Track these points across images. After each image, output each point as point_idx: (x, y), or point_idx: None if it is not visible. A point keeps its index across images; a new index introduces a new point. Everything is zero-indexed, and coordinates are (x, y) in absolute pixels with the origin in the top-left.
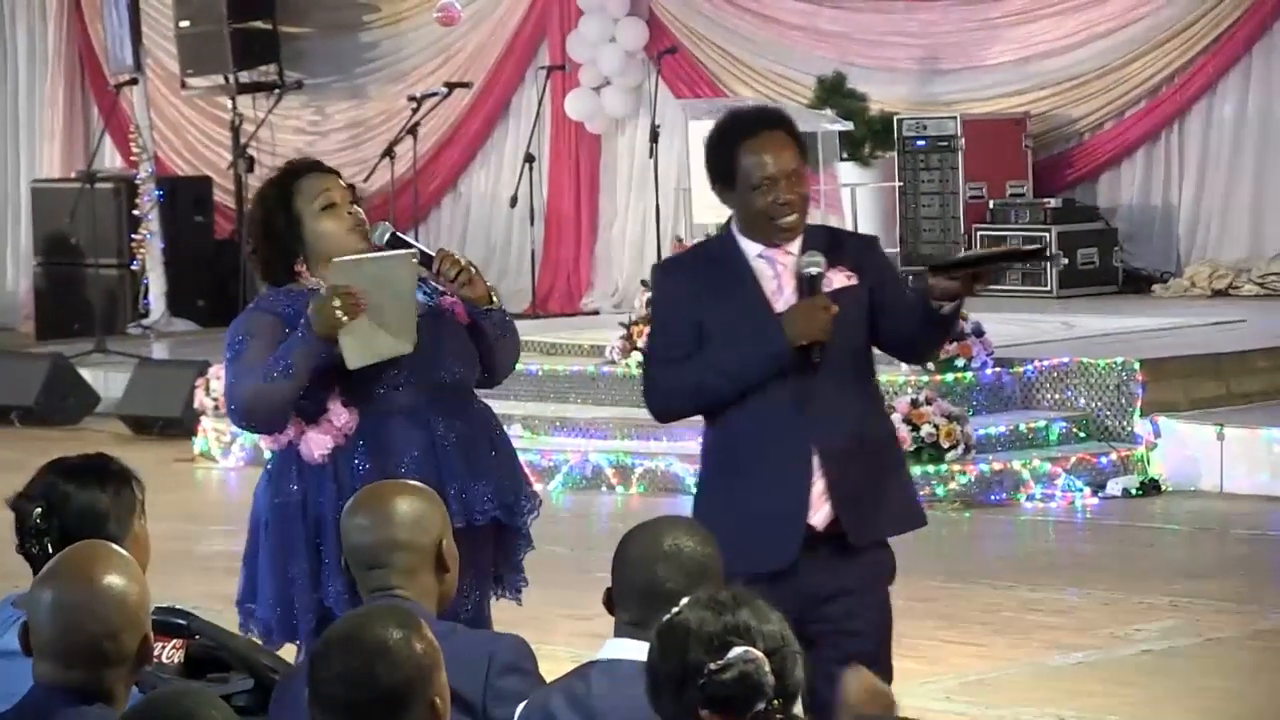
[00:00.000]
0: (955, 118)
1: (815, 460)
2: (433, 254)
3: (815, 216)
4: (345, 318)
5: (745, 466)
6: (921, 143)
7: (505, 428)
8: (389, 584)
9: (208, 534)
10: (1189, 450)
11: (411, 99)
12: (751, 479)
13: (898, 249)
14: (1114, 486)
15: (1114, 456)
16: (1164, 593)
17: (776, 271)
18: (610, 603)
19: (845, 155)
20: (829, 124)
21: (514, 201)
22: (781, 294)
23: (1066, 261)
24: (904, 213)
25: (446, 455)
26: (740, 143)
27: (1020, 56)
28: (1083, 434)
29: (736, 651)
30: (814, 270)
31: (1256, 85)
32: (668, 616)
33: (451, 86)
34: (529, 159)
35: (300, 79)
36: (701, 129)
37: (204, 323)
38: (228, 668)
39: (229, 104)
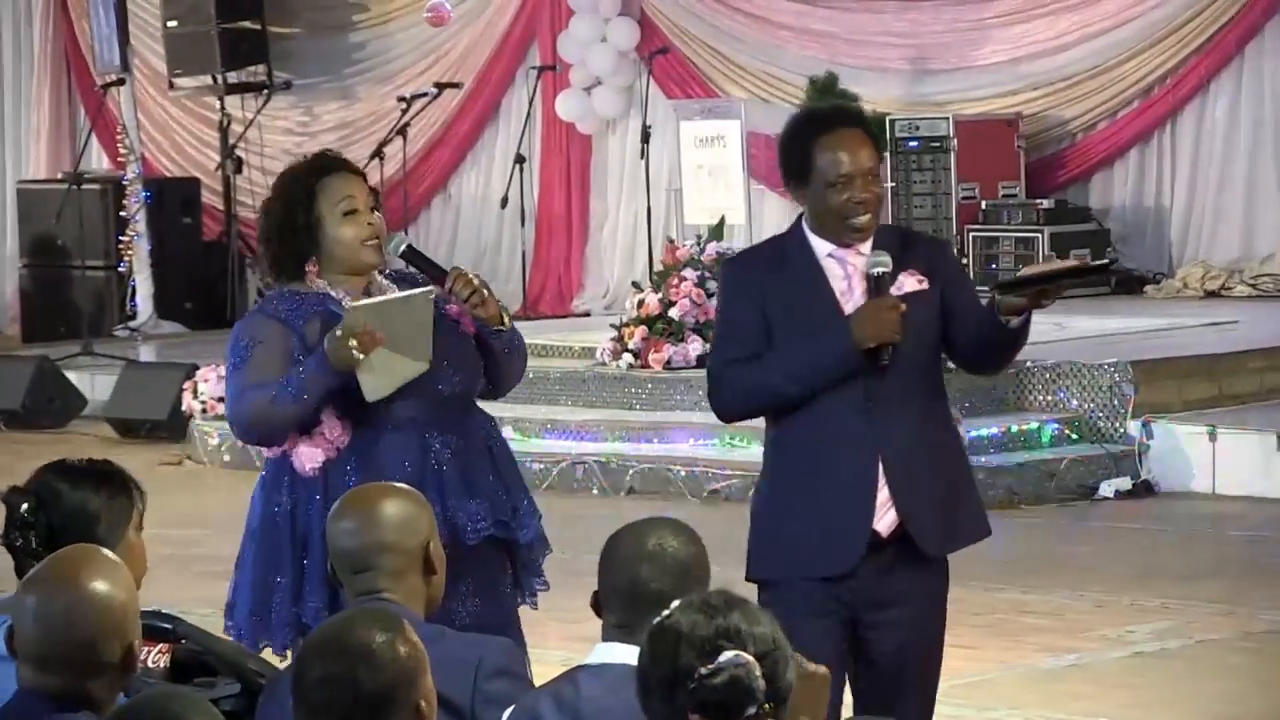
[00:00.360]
0: (947, 118)
1: (880, 467)
2: (446, 270)
3: None
4: (361, 355)
5: (809, 469)
6: (914, 143)
7: (498, 430)
8: (376, 587)
9: (195, 538)
10: (1181, 452)
11: (401, 99)
12: (816, 482)
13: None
14: (1106, 488)
15: (1106, 458)
16: (1156, 595)
17: (847, 272)
18: (598, 605)
19: None
20: None
21: (504, 202)
22: (851, 295)
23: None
24: (896, 214)
25: (439, 473)
26: (816, 139)
27: (1012, 57)
28: (1075, 435)
29: (727, 656)
30: (881, 270)
31: (1249, 86)
32: (658, 620)
33: (441, 87)
34: (519, 160)
35: (289, 79)
36: (692, 129)
37: (191, 325)
38: (214, 672)
39: (217, 104)
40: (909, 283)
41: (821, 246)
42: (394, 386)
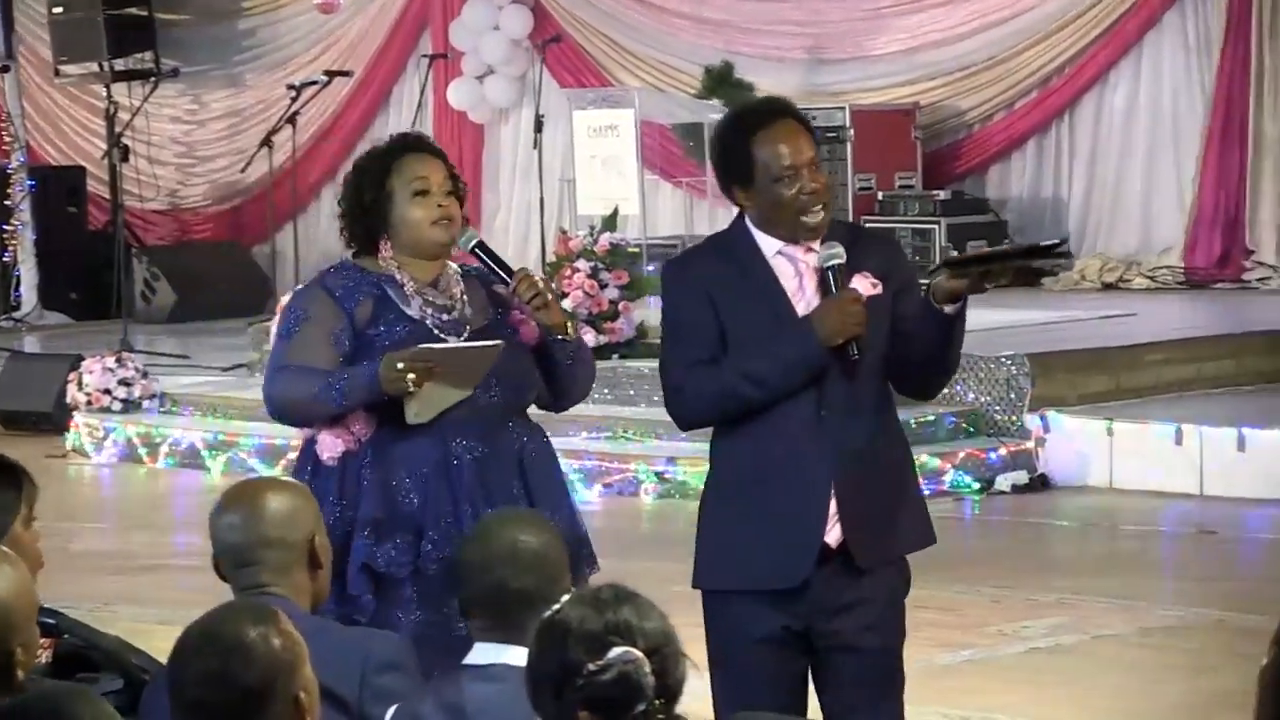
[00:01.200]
0: (844, 108)
1: (832, 480)
2: (513, 270)
3: (703, 208)
4: (414, 389)
5: (758, 478)
6: None
7: (543, 446)
8: (260, 582)
9: (81, 531)
10: (1078, 445)
11: (291, 87)
12: (765, 491)
13: None
14: (1003, 482)
15: (1003, 452)
16: (1052, 590)
17: (798, 269)
18: (464, 611)
19: None
20: (716, 114)
21: None
22: (803, 294)
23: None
24: None
25: (458, 476)
26: (753, 135)
27: (909, 46)
28: (971, 429)
29: (616, 652)
30: (836, 263)
31: (1147, 76)
32: (548, 615)
33: (331, 75)
34: None
35: (177, 67)
36: (586, 118)
37: (77, 316)
38: (97, 667)
39: (104, 92)
40: (862, 285)
41: (769, 244)
42: (434, 414)
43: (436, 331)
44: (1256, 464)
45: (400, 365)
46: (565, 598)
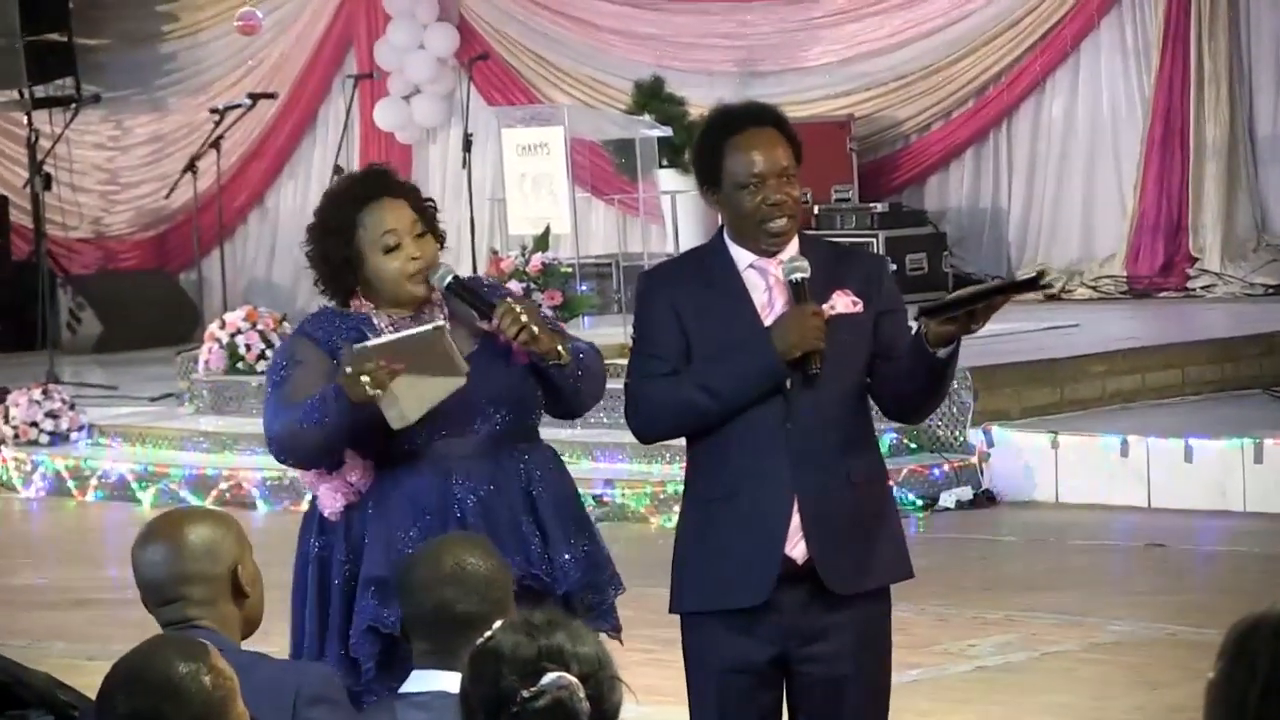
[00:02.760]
0: None
1: (795, 494)
2: (493, 305)
3: (636, 226)
4: (376, 391)
5: (724, 494)
6: None
7: (554, 470)
8: (185, 616)
9: (9, 567)
10: (1023, 460)
11: (214, 111)
12: (730, 508)
13: None
14: (947, 498)
15: (947, 468)
16: (999, 607)
17: (769, 283)
18: (405, 633)
19: (665, 162)
20: (647, 130)
21: None
22: (772, 308)
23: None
24: None
25: (462, 521)
26: (727, 140)
27: (843, 57)
28: (914, 445)
29: (550, 677)
30: (800, 276)
31: (1085, 83)
32: (481, 641)
33: (256, 98)
34: (338, 171)
35: (98, 92)
36: (515, 137)
37: (1, 348)
38: (26, 705)
39: (24, 119)
40: (841, 302)
41: (743, 257)
42: (422, 413)
43: None
44: (1204, 475)
45: (349, 370)
46: (497, 624)
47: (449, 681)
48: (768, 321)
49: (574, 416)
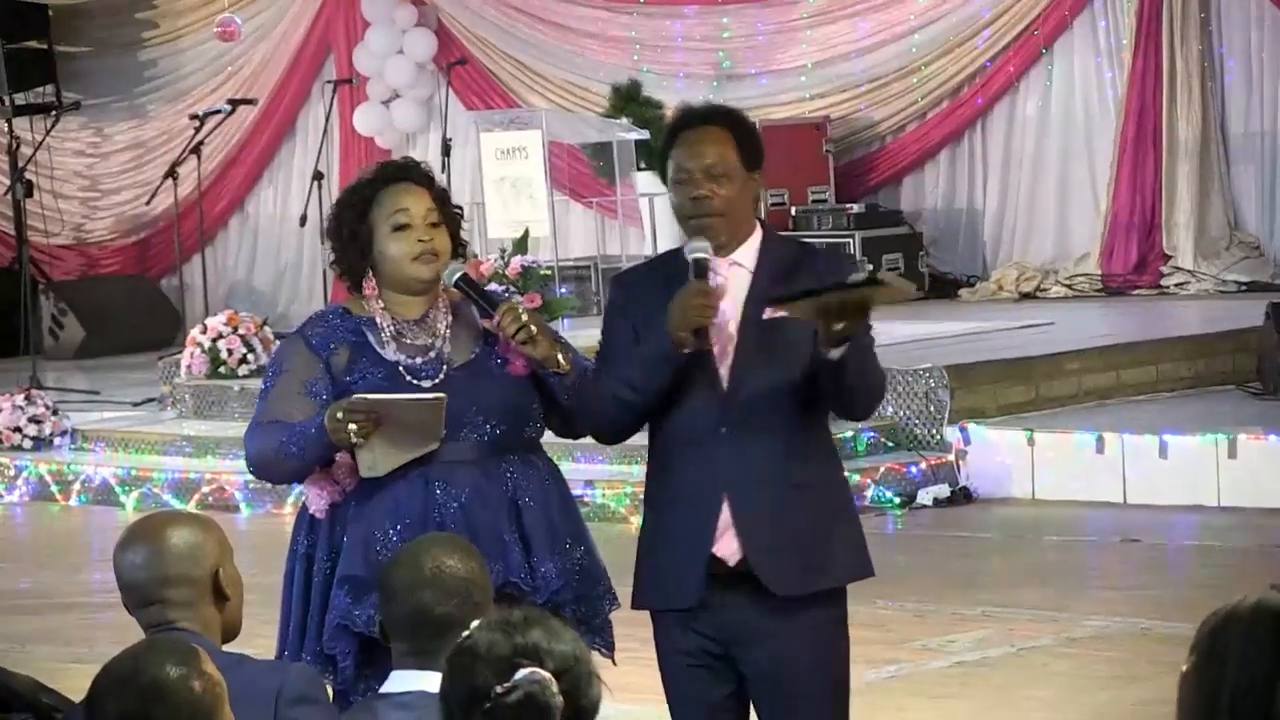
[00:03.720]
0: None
1: (726, 496)
2: (495, 302)
3: (614, 228)
4: (358, 440)
5: (668, 495)
6: None
7: (546, 481)
8: (166, 619)
9: None
10: (999, 457)
11: (194, 117)
12: (668, 509)
13: None
14: (924, 496)
15: (924, 465)
16: (976, 603)
17: (716, 282)
18: (385, 634)
19: (642, 165)
20: (625, 133)
21: (303, 220)
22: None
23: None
24: None
25: (441, 527)
26: (674, 138)
27: (818, 59)
28: (891, 443)
29: (522, 673)
30: (699, 255)
31: (1059, 84)
32: (459, 641)
33: (235, 103)
34: (318, 176)
35: (78, 99)
36: (493, 140)
37: None
38: (9, 708)
39: (4, 127)
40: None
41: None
42: (392, 467)
43: (408, 377)
44: (1179, 471)
45: (340, 415)
46: (475, 624)
47: (429, 681)
48: (720, 318)
49: (576, 436)
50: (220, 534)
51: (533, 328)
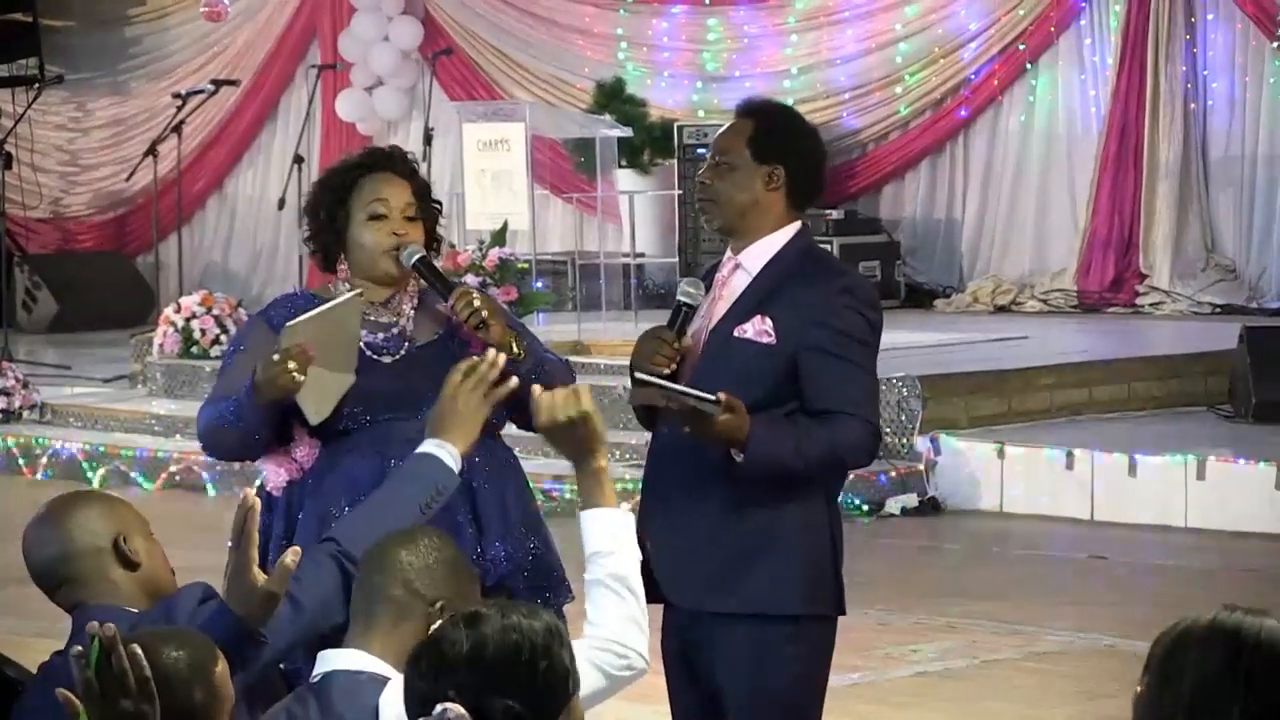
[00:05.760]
0: None
1: (657, 500)
2: (452, 286)
3: (593, 225)
4: (301, 377)
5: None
6: (702, 150)
7: (504, 469)
8: (78, 599)
9: None
10: (969, 469)
11: (176, 96)
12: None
13: (676, 258)
14: (893, 504)
15: (893, 474)
16: (942, 613)
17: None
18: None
19: (624, 162)
20: (607, 130)
21: (282, 204)
22: (711, 300)
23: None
24: (683, 221)
25: None
26: None
27: (803, 65)
28: None
29: (437, 710)
30: (683, 300)
31: (1042, 99)
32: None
33: (218, 84)
34: (298, 160)
35: (61, 73)
36: (476, 132)
37: None
38: None
39: None
40: (751, 328)
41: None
42: (332, 405)
43: (368, 353)
44: (1147, 489)
45: (275, 358)
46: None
47: (350, 659)
48: (708, 314)
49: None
50: (124, 508)
51: (484, 312)
